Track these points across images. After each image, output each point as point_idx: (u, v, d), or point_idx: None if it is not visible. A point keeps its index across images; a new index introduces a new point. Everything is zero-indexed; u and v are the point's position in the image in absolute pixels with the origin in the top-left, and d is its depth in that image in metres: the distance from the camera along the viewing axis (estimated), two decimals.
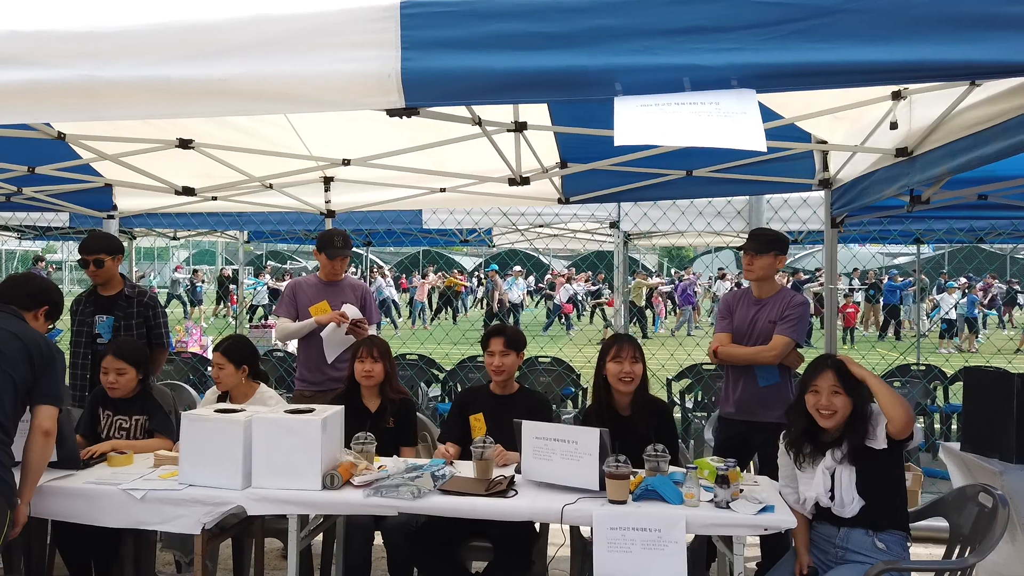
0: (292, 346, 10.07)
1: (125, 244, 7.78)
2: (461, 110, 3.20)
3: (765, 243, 4.08)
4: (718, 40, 1.95)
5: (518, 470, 3.37)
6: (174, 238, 9.00)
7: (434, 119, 2.94)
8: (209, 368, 7.77)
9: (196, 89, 2.09)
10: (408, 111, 2.19)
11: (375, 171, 4.86)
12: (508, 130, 3.72)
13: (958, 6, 1.81)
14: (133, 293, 4.47)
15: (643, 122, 1.98)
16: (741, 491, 3.10)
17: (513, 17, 2.01)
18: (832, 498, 3.05)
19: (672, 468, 3.28)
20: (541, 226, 7.13)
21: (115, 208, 5.79)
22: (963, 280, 18.24)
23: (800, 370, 3.58)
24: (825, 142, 4.42)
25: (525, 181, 4.38)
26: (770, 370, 4.03)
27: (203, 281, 24.61)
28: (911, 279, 19.03)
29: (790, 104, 3.77)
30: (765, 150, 1.96)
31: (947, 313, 17.37)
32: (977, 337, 17.66)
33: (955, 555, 3.12)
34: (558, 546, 3.68)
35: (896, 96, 3.45)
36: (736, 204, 6.48)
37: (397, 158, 4.41)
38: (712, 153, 4.37)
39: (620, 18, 1.97)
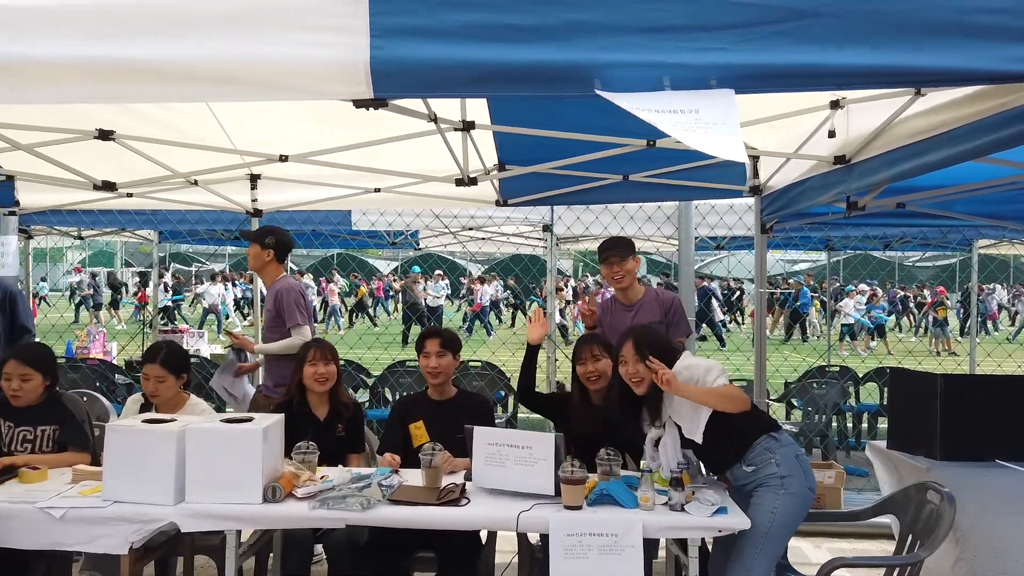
0: (207, 351, 9.65)
1: (21, 244, 7.21)
2: (420, 105, 3.09)
3: (627, 247, 4.13)
4: (698, 39, 1.93)
5: (467, 477, 3.29)
6: (79, 237, 8.41)
7: (394, 113, 2.81)
8: (117, 375, 7.33)
9: (137, 70, 1.93)
10: (376, 102, 2.08)
11: (305, 169, 4.65)
12: (456, 128, 3.63)
13: (935, 13, 1.84)
14: None
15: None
16: (693, 493, 3.11)
17: (491, 7, 1.94)
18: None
19: (624, 472, 3.26)
20: (472, 228, 7.05)
21: (17, 204, 5.37)
22: (863, 287, 19.20)
23: None
24: (755, 148, 4.52)
25: (473, 181, 4.29)
26: None
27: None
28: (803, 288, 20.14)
29: None
30: (746, 160, 1.96)
31: (845, 318, 18.23)
32: (873, 340, 18.61)
33: (905, 550, 3.22)
34: (507, 553, 3.60)
35: (835, 105, 3.55)
36: (666, 209, 6.57)
37: (334, 155, 4.24)
38: (649, 158, 4.39)
39: (601, 13, 1.93)
